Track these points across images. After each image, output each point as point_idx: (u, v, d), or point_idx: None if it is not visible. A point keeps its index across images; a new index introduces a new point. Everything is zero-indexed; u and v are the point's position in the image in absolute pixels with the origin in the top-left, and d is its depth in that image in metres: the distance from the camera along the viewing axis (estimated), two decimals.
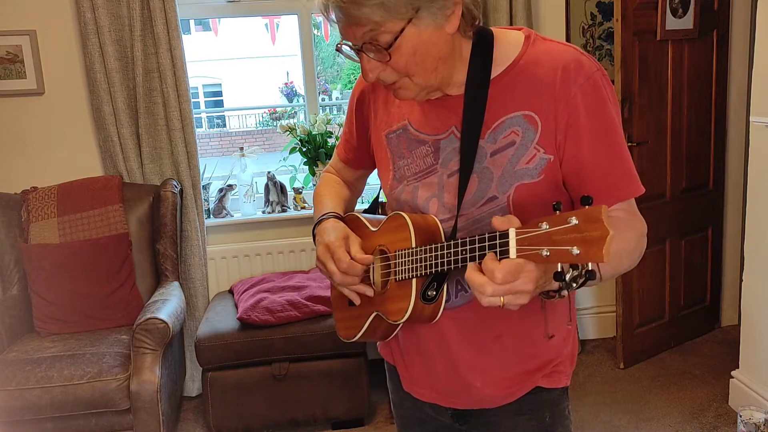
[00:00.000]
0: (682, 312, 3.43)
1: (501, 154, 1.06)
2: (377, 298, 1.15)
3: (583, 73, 1.02)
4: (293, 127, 3.26)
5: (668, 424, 2.73)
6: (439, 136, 1.12)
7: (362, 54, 1.02)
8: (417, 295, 1.07)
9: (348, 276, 1.14)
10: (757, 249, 2.64)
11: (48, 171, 3.04)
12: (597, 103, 1.03)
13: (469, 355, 1.15)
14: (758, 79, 2.52)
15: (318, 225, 1.23)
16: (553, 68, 1.03)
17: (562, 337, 1.19)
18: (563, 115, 1.02)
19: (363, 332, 1.20)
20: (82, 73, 3.01)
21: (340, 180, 1.39)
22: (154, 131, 3.02)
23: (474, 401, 1.20)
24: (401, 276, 1.09)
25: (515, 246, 0.87)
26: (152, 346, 2.47)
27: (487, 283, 0.89)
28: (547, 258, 0.83)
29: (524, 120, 1.04)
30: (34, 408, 2.37)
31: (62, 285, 2.77)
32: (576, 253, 0.80)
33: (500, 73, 1.06)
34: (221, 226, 3.27)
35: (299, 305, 2.75)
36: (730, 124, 3.46)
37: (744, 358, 2.77)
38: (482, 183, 1.07)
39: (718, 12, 3.26)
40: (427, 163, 1.13)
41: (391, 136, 1.19)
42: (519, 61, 1.06)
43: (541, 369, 1.17)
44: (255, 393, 2.71)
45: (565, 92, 1.02)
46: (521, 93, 1.05)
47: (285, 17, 8.41)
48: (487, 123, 1.06)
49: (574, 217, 0.81)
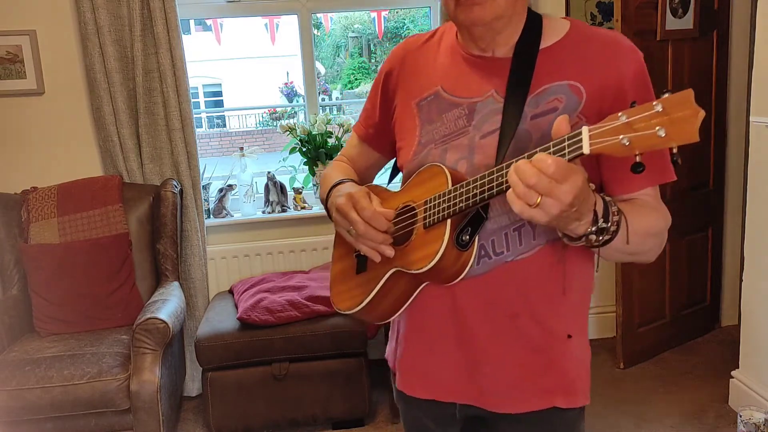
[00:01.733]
0: (682, 312, 3.43)
1: (542, 118, 1.05)
2: (397, 254, 1.10)
3: (633, 53, 1.06)
4: (293, 127, 3.26)
5: (668, 424, 2.73)
6: (475, 98, 1.11)
7: None
8: (451, 236, 1.01)
9: (371, 228, 1.09)
10: (757, 249, 2.64)
11: (48, 171, 3.04)
12: (643, 81, 1.06)
13: (483, 331, 1.11)
14: (758, 79, 2.52)
15: (334, 187, 1.21)
16: (604, 45, 1.07)
17: (580, 346, 1.15)
18: (611, 86, 1.04)
19: (371, 297, 1.14)
20: (82, 73, 3.02)
21: (349, 166, 1.35)
22: (154, 131, 3.02)
23: (479, 392, 1.14)
24: (433, 219, 1.04)
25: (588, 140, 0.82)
26: (152, 346, 2.47)
27: (535, 174, 0.84)
28: (627, 147, 0.79)
29: (569, 89, 1.05)
30: (34, 408, 2.37)
31: (62, 285, 2.77)
32: (662, 134, 0.76)
33: (550, 45, 1.09)
34: (221, 226, 3.27)
35: (299, 305, 2.75)
36: (730, 124, 3.46)
37: (744, 358, 2.77)
38: (518, 144, 1.05)
39: (718, 12, 3.26)
40: (459, 125, 1.12)
41: (422, 104, 1.18)
42: (569, 36, 1.09)
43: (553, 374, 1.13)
44: (255, 393, 2.71)
45: (615, 66, 1.04)
46: (569, 64, 1.07)
47: (285, 17, 8.41)
48: (531, 88, 1.07)
49: (659, 104, 0.76)
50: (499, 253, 1.07)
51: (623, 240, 0.96)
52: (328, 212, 1.23)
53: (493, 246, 1.07)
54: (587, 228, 0.92)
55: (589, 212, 0.91)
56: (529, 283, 1.09)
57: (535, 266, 1.08)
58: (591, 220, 0.92)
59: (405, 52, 1.24)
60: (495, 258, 1.07)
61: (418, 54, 1.22)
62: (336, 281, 1.27)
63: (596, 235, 0.92)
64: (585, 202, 0.89)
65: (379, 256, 1.12)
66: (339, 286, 1.25)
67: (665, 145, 0.77)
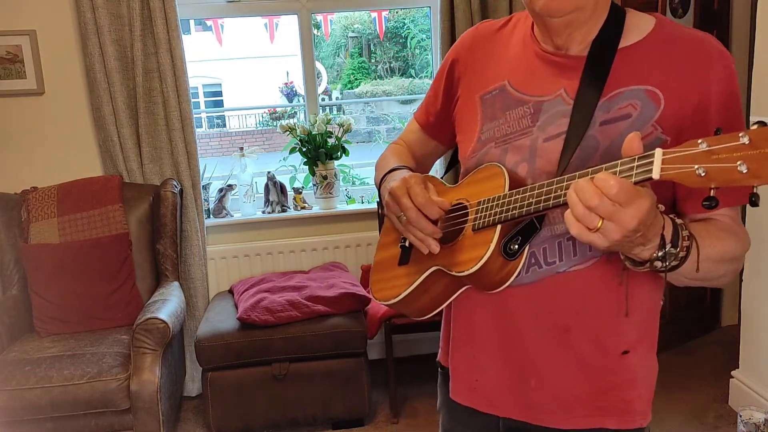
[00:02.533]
0: (682, 312, 3.43)
1: (613, 125, 0.97)
2: (441, 251, 1.04)
3: (723, 61, 0.96)
4: (293, 127, 3.26)
5: (668, 424, 2.73)
6: (543, 97, 1.03)
7: None
8: (498, 243, 0.96)
9: (422, 217, 1.03)
10: (757, 249, 2.64)
11: (48, 171, 3.04)
12: (730, 94, 0.96)
13: (530, 342, 1.04)
14: (758, 79, 2.52)
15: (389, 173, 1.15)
16: (691, 49, 0.97)
17: (640, 362, 1.06)
18: (693, 99, 0.95)
19: (409, 291, 1.08)
20: (82, 73, 3.02)
21: (408, 151, 1.29)
22: (154, 131, 3.02)
23: (525, 408, 1.08)
24: (483, 222, 0.99)
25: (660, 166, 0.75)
26: (152, 346, 2.47)
27: (597, 195, 0.77)
28: (701, 178, 0.72)
29: (645, 95, 0.97)
30: (34, 408, 2.37)
31: (62, 285, 2.77)
32: (743, 170, 0.69)
33: (630, 45, 1.00)
34: (221, 226, 3.27)
35: (299, 305, 2.75)
36: None
37: (744, 358, 2.77)
38: (583, 152, 0.97)
39: (718, 12, 3.26)
40: (522, 125, 1.04)
41: (486, 97, 1.11)
42: (652, 36, 1.00)
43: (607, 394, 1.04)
44: (255, 393, 2.71)
45: (701, 76, 0.95)
46: (649, 68, 0.98)
47: (285, 17, 8.41)
48: (605, 90, 0.98)
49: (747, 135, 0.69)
50: (551, 263, 1.01)
51: (693, 267, 0.88)
52: (380, 197, 1.17)
53: (544, 254, 1.01)
54: (652, 253, 0.85)
55: (656, 237, 0.84)
56: (583, 297, 1.01)
57: (591, 280, 1.00)
58: (657, 245, 0.84)
59: (473, 40, 1.17)
60: (546, 267, 1.01)
61: (487, 43, 1.15)
62: (377, 269, 1.21)
63: (662, 261, 0.85)
64: (651, 227, 0.82)
65: (425, 247, 1.05)
66: (379, 274, 1.20)
67: (745, 183, 0.70)
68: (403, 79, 14.04)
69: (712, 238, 0.92)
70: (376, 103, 13.30)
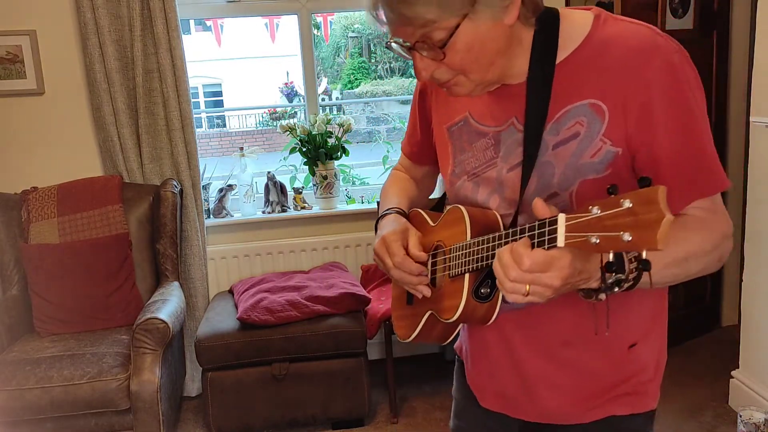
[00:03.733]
0: (682, 312, 3.43)
1: (564, 147, 0.97)
2: (433, 296, 1.10)
3: (659, 54, 0.93)
4: (293, 127, 3.26)
5: (668, 424, 2.73)
6: (499, 128, 1.04)
7: (414, 52, 0.95)
8: (469, 292, 1.00)
9: (403, 272, 1.08)
10: (757, 249, 2.64)
11: (48, 171, 3.04)
12: (674, 87, 0.93)
13: (536, 362, 1.08)
14: (758, 79, 2.52)
15: (380, 221, 1.20)
16: (625, 51, 0.94)
17: (649, 348, 1.07)
18: (634, 103, 0.93)
19: (418, 332, 1.15)
20: (82, 73, 3.01)
21: (407, 177, 1.33)
22: (154, 131, 3.02)
23: (542, 414, 1.11)
24: (455, 271, 1.03)
25: (564, 233, 0.79)
26: (152, 346, 2.47)
27: (513, 267, 0.83)
28: (596, 245, 0.75)
29: (590, 110, 0.95)
30: (34, 408, 2.37)
31: (62, 285, 2.77)
32: (627, 239, 0.72)
33: (565, 58, 0.98)
34: (221, 226, 3.27)
35: (299, 305, 2.75)
36: (730, 124, 3.46)
37: (744, 358, 2.77)
38: (542, 178, 0.98)
39: (718, 12, 3.26)
40: (488, 156, 1.06)
41: (453, 129, 1.13)
42: (586, 44, 0.97)
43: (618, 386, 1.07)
44: (255, 393, 2.71)
45: (638, 77, 0.92)
46: (588, 80, 0.96)
47: (285, 17, 8.41)
48: (550, 112, 0.97)
49: (628, 200, 0.72)
50: None
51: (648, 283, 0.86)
52: None
53: None
54: (600, 284, 0.86)
55: (596, 271, 0.85)
56: (577, 315, 1.02)
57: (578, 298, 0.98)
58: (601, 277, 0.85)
59: None
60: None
61: None
62: (394, 305, 1.28)
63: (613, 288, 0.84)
64: (583, 271, 0.84)
65: (419, 293, 1.10)
66: (396, 311, 1.27)
67: (633, 250, 0.73)
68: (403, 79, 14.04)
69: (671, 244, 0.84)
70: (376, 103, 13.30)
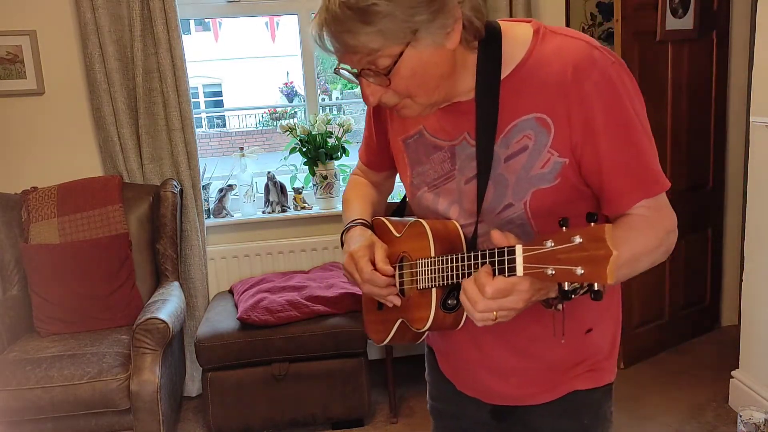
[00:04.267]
0: (682, 312, 3.43)
1: (514, 159, 1.03)
2: (403, 304, 1.15)
3: (597, 68, 0.97)
4: (293, 127, 3.26)
5: (668, 424, 2.73)
6: (453, 142, 1.09)
7: (361, 78, 1.00)
8: (437, 305, 1.06)
9: (372, 286, 1.13)
10: (757, 249, 2.64)
11: (48, 171, 3.04)
12: (612, 98, 0.98)
13: (505, 356, 1.15)
14: (758, 79, 2.52)
15: (346, 232, 1.23)
16: (564, 66, 0.98)
17: (602, 331, 1.16)
18: (578, 116, 0.98)
19: (391, 337, 1.20)
20: (82, 73, 3.01)
21: (367, 182, 1.37)
22: (154, 131, 3.02)
23: (512, 398, 1.19)
24: (422, 285, 1.08)
25: (522, 264, 0.86)
26: (152, 346, 2.47)
27: (479, 299, 0.90)
28: (552, 277, 0.82)
29: (536, 123, 1.00)
30: (34, 408, 2.37)
31: (62, 285, 2.77)
32: (580, 273, 0.79)
33: (509, 74, 1.02)
34: (221, 226, 3.27)
35: (299, 305, 2.75)
36: (730, 124, 3.46)
37: (744, 358, 2.77)
38: (498, 190, 1.04)
39: (718, 12, 3.26)
40: (445, 168, 1.11)
41: (408, 142, 1.17)
42: (528, 59, 1.01)
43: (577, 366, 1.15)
44: (255, 393, 2.71)
45: (578, 91, 0.97)
46: (532, 94, 1.00)
47: (285, 17, 8.41)
48: (499, 127, 1.02)
49: (578, 236, 0.80)
50: None
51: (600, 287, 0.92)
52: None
53: None
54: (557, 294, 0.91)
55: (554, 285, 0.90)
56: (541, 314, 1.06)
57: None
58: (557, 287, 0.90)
59: None
60: None
61: None
62: (365, 309, 1.31)
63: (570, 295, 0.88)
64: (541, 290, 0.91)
65: (390, 303, 1.15)
66: (368, 315, 1.30)
67: (584, 281, 0.80)
68: None
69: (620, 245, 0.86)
70: None
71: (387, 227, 1.23)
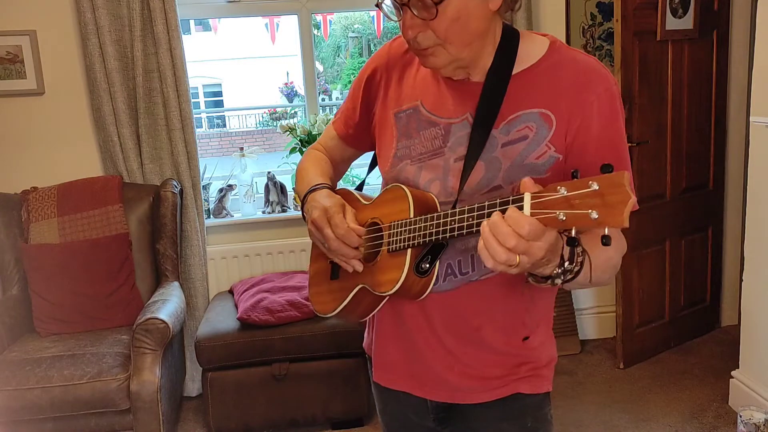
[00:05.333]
0: (682, 312, 3.43)
1: (512, 146, 1.07)
2: (364, 270, 1.14)
3: (604, 83, 1.06)
4: (293, 127, 3.26)
5: (668, 424, 2.73)
6: (452, 119, 1.12)
7: (407, 9, 1.02)
8: (411, 266, 1.06)
9: (343, 244, 1.13)
10: (757, 249, 2.64)
11: (48, 171, 3.04)
12: (610, 114, 1.06)
13: (449, 339, 1.16)
14: (758, 79, 2.52)
15: (310, 193, 1.21)
16: (576, 74, 1.07)
17: (540, 341, 1.20)
18: (576, 119, 1.05)
19: (344, 306, 1.19)
20: (82, 73, 3.01)
21: (327, 158, 1.36)
22: (154, 131, 3.02)
23: (449, 392, 1.19)
24: (395, 246, 1.08)
25: (529, 210, 0.84)
26: (152, 346, 2.47)
27: (513, 235, 0.84)
28: (562, 222, 0.81)
29: (540, 117, 1.06)
30: (34, 408, 2.37)
31: (62, 285, 2.77)
32: (595, 217, 0.78)
33: (523, 70, 1.09)
34: (221, 226, 3.27)
35: (299, 305, 2.75)
36: (730, 124, 3.46)
37: (744, 358, 2.77)
38: (489, 171, 1.08)
39: (718, 12, 3.26)
40: (435, 145, 1.13)
41: (400, 115, 1.18)
42: (543, 62, 1.09)
43: (518, 368, 1.18)
44: (255, 393, 2.71)
45: (584, 98, 1.05)
46: (541, 92, 1.07)
47: (285, 17, 8.41)
48: (503, 114, 1.08)
49: (595, 182, 0.78)
50: (465, 273, 1.12)
51: (586, 277, 0.96)
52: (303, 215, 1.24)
53: (459, 266, 1.12)
54: (553, 270, 0.92)
55: (557, 257, 0.91)
56: (493, 300, 1.13)
57: (499, 285, 1.12)
58: (558, 263, 0.92)
59: (389, 57, 1.23)
60: (461, 277, 1.12)
61: (400, 62, 1.21)
62: (313, 282, 1.31)
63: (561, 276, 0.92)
64: (554, 252, 0.90)
65: (350, 267, 1.15)
66: (315, 287, 1.30)
67: (598, 227, 0.79)
68: None
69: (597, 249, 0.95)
70: None
71: (354, 196, 1.24)
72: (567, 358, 3.33)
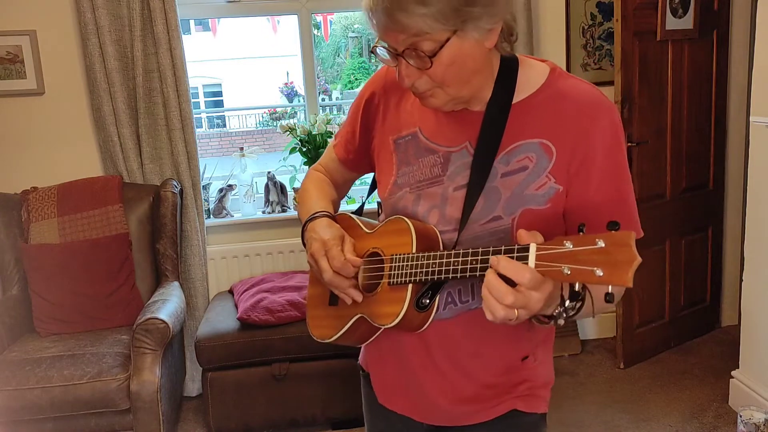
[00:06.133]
0: (682, 312, 3.43)
1: (512, 176, 1.06)
2: (364, 300, 1.14)
3: (608, 114, 1.05)
4: (293, 127, 3.26)
5: (668, 424, 2.73)
6: (451, 148, 1.11)
7: (401, 59, 1.01)
8: (411, 301, 1.06)
9: (339, 276, 1.12)
10: (757, 249, 2.64)
11: (48, 171, 3.04)
12: (614, 146, 1.05)
13: (446, 366, 1.15)
14: (758, 79, 2.52)
15: (310, 222, 1.21)
16: (579, 104, 1.05)
17: (538, 361, 1.19)
18: (581, 150, 1.04)
19: (341, 334, 1.19)
20: (82, 73, 3.02)
21: (328, 180, 1.36)
22: (154, 131, 3.02)
23: (446, 418, 1.19)
24: (396, 280, 1.08)
25: (534, 261, 0.85)
26: (152, 346, 2.47)
27: (510, 292, 0.86)
28: (567, 276, 0.82)
29: (540, 148, 1.05)
30: (34, 408, 2.37)
31: (62, 285, 2.77)
32: (600, 274, 0.78)
33: (523, 99, 1.08)
34: (221, 226, 3.27)
35: (299, 305, 2.75)
36: (730, 124, 3.46)
37: (744, 358, 2.77)
38: (488, 202, 1.07)
39: (718, 12, 3.26)
40: (434, 173, 1.12)
41: (399, 142, 1.18)
42: (543, 90, 1.08)
43: (515, 387, 1.17)
44: (255, 393, 2.71)
45: (587, 129, 1.04)
46: (541, 121, 1.06)
47: (285, 17, 8.42)
48: (503, 144, 1.07)
49: (602, 240, 0.80)
50: (465, 301, 1.12)
51: (589, 312, 0.96)
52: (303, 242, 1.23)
53: (459, 294, 1.12)
54: (554, 310, 0.92)
55: (557, 299, 0.91)
56: (492, 328, 1.10)
57: None
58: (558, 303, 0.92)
59: (386, 81, 1.22)
60: (461, 305, 1.12)
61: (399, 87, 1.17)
62: (311, 305, 1.31)
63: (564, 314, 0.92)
64: (553, 299, 0.90)
65: (349, 299, 1.14)
66: (313, 310, 1.29)
67: (601, 284, 0.80)
68: None
69: None
70: None
71: (354, 222, 1.23)
72: (568, 358, 3.33)
